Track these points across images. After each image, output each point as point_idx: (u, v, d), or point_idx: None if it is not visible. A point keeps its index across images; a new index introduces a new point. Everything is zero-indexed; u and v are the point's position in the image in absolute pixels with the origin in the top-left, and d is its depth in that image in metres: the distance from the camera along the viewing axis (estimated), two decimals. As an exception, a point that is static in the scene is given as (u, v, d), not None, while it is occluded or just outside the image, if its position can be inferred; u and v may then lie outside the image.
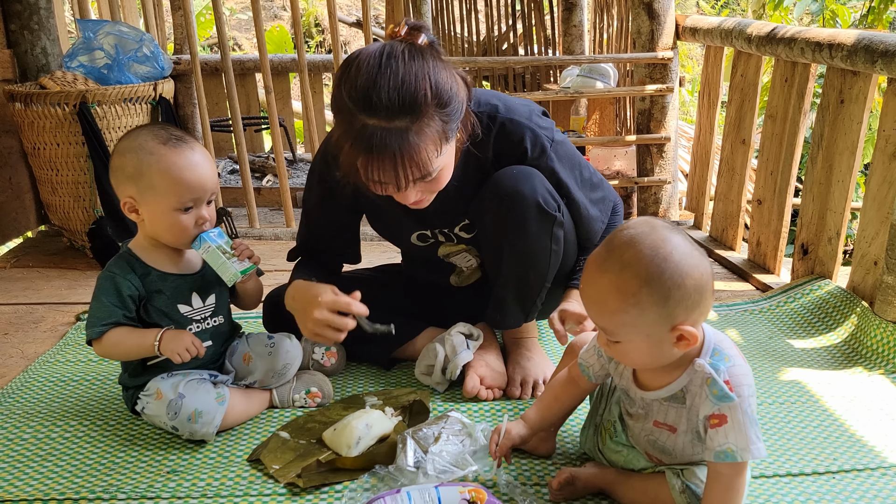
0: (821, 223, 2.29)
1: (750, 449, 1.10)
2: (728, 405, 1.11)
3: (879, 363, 1.84)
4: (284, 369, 1.63)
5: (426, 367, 1.75)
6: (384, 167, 1.34)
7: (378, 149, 1.32)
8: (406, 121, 1.32)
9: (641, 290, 1.08)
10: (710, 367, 1.14)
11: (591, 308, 1.17)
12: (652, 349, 1.13)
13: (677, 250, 1.09)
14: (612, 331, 1.14)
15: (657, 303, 1.08)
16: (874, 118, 3.55)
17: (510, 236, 1.60)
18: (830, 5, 5.18)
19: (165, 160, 1.46)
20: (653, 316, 1.09)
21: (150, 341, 1.47)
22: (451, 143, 1.43)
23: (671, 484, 1.22)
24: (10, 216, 2.95)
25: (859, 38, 2.04)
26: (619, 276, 1.10)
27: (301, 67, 2.92)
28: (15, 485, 1.39)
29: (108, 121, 2.56)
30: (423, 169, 1.37)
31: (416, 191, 1.44)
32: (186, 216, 1.49)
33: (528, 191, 1.55)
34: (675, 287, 1.08)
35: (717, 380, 1.12)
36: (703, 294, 1.11)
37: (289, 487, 1.37)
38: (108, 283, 1.49)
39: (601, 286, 1.12)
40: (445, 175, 1.46)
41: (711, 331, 1.19)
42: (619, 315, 1.11)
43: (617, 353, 1.18)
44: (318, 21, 8.72)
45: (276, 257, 2.75)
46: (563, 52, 4.20)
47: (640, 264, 1.09)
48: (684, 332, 1.10)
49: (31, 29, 2.94)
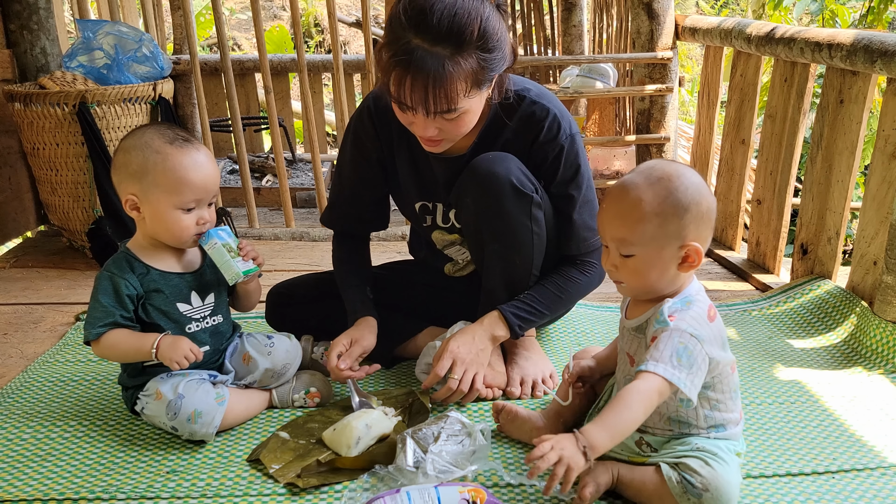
0: (820, 223, 2.29)
1: (659, 365, 1.20)
2: (661, 328, 1.24)
3: (879, 363, 1.84)
4: (284, 369, 1.63)
5: (426, 365, 1.74)
6: (416, 86, 1.40)
7: (415, 66, 1.38)
8: (448, 49, 1.39)
9: (666, 200, 1.23)
10: (672, 302, 1.27)
11: (614, 221, 1.27)
12: (661, 265, 1.26)
13: (695, 177, 1.26)
14: (631, 241, 1.25)
15: (677, 214, 1.23)
16: (874, 118, 3.56)
17: (489, 216, 1.62)
18: (830, 5, 5.18)
19: (171, 159, 1.46)
20: (671, 227, 1.23)
21: (147, 347, 1.47)
22: (482, 92, 1.48)
23: (667, 476, 1.25)
24: (9, 216, 2.95)
25: (859, 38, 2.05)
26: (648, 190, 1.24)
27: (301, 67, 2.92)
28: (15, 485, 1.39)
29: (107, 121, 2.56)
30: (449, 101, 1.42)
31: (436, 126, 1.48)
32: (188, 216, 1.49)
33: (503, 171, 1.58)
34: (694, 203, 1.23)
35: (665, 309, 1.26)
36: (711, 219, 1.26)
37: (288, 487, 1.37)
38: (107, 282, 1.49)
39: (629, 199, 1.25)
40: (467, 122, 1.50)
41: (695, 291, 1.30)
42: (643, 224, 1.24)
43: (626, 271, 1.28)
44: (317, 21, 8.72)
45: (276, 257, 2.75)
46: (563, 52, 4.20)
47: (666, 181, 1.24)
48: (692, 248, 1.24)
49: (31, 29, 2.94)
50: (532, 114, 1.61)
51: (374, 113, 1.71)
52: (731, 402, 1.33)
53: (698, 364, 1.23)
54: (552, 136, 1.60)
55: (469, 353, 1.61)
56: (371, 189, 1.80)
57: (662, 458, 1.30)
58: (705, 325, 1.26)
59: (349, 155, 1.77)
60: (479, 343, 1.63)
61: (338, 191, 1.83)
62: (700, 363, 1.23)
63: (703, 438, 1.31)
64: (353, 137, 1.75)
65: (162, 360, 1.47)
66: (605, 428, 1.19)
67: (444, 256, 1.85)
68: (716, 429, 1.32)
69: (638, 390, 1.20)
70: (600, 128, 3.66)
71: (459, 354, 1.59)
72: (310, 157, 3.43)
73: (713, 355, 1.25)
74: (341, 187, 1.82)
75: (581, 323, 2.10)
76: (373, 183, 1.79)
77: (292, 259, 2.76)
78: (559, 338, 2.02)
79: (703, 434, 1.31)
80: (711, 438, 1.31)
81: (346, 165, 1.79)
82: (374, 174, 1.77)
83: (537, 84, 1.68)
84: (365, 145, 1.74)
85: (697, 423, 1.31)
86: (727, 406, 1.33)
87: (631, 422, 1.20)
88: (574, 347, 1.95)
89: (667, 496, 1.25)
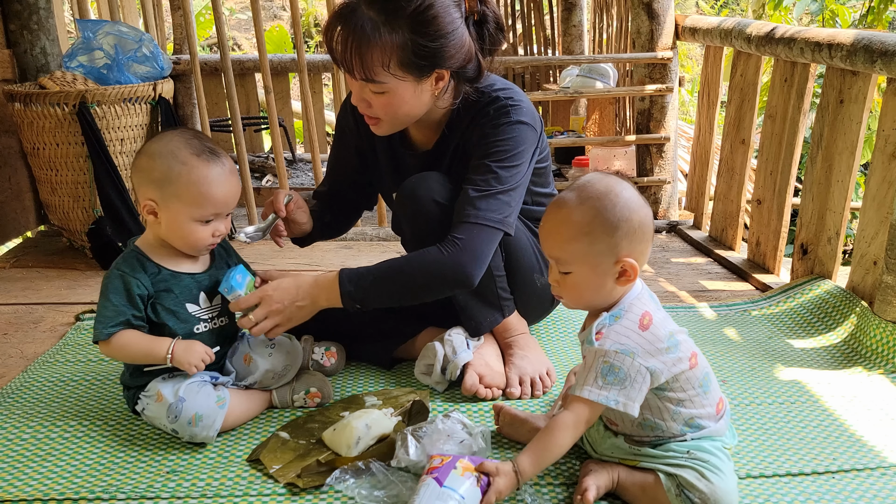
0: (820, 223, 2.29)
1: (585, 388, 1.24)
2: (588, 348, 1.27)
3: (879, 363, 1.84)
4: (285, 370, 1.63)
5: (426, 366, 1.75)
6: (339, 38, 1.47)
7: (344, 18, 1.46)
8: (378, 15, 1.45)
9: (595, 220, 1.25)
10: (601, 318, 1.28)
11: (547, 239, 1.31)
12: (597, 281, 1.27)
13: (626, 192, 1.27)
14: (565, 260, 1.28)
15: (607, 232, 1.24)
16: (874, 118, 3.56)
17: (424, 237, 1.62)
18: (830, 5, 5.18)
19: (196, 172, 1.46)
20: (602, 246, 1.25)
21: (161, 352, 1.46)
22: (413, 79, 1.51)
23: (666, 487, 1.26)
24: (9, 216, 2.95)
25: (859, 38, 2.05)
26: (577, 209, 1.26)
27: (300, 67, 2.92)
28: (15, 485, 1.39)
29: (107, 121, 2.56)
30: (364, 67, 1.47)
31: (365, 98, 1.53)
32: (205, 228, 1.50)
33: (424, 192, 1.61)
34: (624, 220, 1.25)
35: (594, 327, 1.27)
36: (646, 233, 1.27)
37: (288, 487, 1.37)
38: (118, 281, 1.48)
39: (559, 218, 1.29)
40: (395, 105, 1.53)
41: (629, 301, 1.30)
42: (574, 243, 1.26)
43: (566, 287, 1.31)
44: (317, 21, 8.72)
45: (276, 257, 2.75)
46: (563, 52, 4.20)
47: (594, 199, 1.26)
48: (626, 263, 1.25)
49: (31, 29, 2.94)
50: (488, 102, 1.62)
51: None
52: (701, 397, 1.31)
53: (632, 377, 1.23)
54: (495, 117, 1.60)
55: (281, 301, 1.52)
56: (349, 174, 1.88)
57: (658, 464, 1.29)
58: (635, 336, 1.25)
59: (334, 141, 1.89)
60: (300, 299, 1.54)
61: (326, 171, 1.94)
62: (634, 375, 1.24)
63: (688, 442, 1.30)
64: (337, 126, 1.87)
65: (178, 365, 1.47)
66: (532, 458, 1.25)
67: None
68: (691, 429, 1.31)
69: (564, 424, 1.25)
70: (600, 128, 3.66)
71: (272, 299, 1.52)
72: (310, 157, 3.43)
73: (649, 364, 1.24)
74: (328, 168, 1.93)
75: (579, 322, 2.09)
76: (350, 169, 1.87)
77: (292, 259, 2.76)
78: (557, 337, 2.02)
79: (679, 438, 1.30)
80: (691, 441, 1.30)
81: (332, 150, 1.90)
82: (353, 162, 1.85)
83: (506, 81, 1.70)
84: (345, 135, 1.83)
85: (668, 426, 1.30)
86: (696, 402, 1.31)
87: (559, 450, 1.26)
88: (572, 346, 1.96)
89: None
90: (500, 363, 1.75)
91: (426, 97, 1.56)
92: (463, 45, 1.51)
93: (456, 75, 1.55)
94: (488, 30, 1.55)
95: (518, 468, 1.24)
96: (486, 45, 1.57)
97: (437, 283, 1.55)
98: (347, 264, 2.50)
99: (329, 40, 1.49)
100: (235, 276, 1.54)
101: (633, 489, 1.30)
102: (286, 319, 1.54)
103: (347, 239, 3.00)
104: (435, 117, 1.65)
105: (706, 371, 1.33)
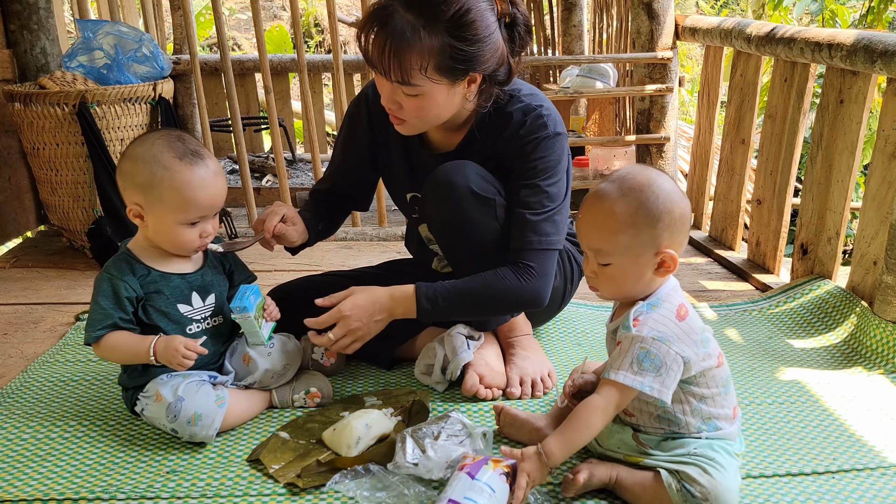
0: (820, 223, 2.29)
1: (619, 373, 1.25)
2: (625, 334, 1.27)
3: (879, 363, 1.84)
4: (284, 370, 1.63)
5: (426, 366, 1.75)
6: (376, 41, 1.45)
7: (381, 21, 1.44)
8: (419, 19, 1.43)
9: (638, 211, 1.25)
10: (639, 306, 1.29)
11: (590, 232, 1.30)
12: (637, 272, 1.28)
13: (667, 183, 1.28)
14: (606, 251, 1.28)
15: (650, 224, 1.25)
16: (874, 118, 3.56)
17: (455, 226, 1.63)
18: (830, 5, 5.18)
19: (179, 177, 1.45)
20: (645, 237, 1.25)
21: (144, 351, 1.46)
22: (447, 83, 1.49)
23: (667, 483, 1.26)
24: (9, 216, 2.95)
25: (858, 38, 2.05)
26: (619, 201, 1.26)
27: (300, 67, 2.92)
28: (14, 485, 1.39)
29: (107, 121, 2.56)
30: (402, 70, 1.45)
31: (396, 99, 1.51)
32: (191, 230, 1.49)
33: (461, 180, 1.59)
34: (666, 212, 1.25)
35: (631, 314, 1.28)
36: (685, 224, 1.29)
37: (288, 487, 1.37)
38: (106, 285, 1.49)
39: (602, 210, 1.28)
40: (427, 108, 1.52)
41: (666, 291, 1.32)
42: (617, 235, 1.26)
43: (604, 278, 1.31)
44: (317, 21, 8.72)
45: (276, 257, 2.75)
46: (563, 52, 4.20)
47: (637, 191, 1.26)
48: (666, 255, 1.26)
49: (31, 29, 2.94)
50: (518, 111, 1.61)
51: (372, 101, 1.73)
52: (722, 397, 1.33)
53: (667, 365, 1.25)
54: (533, 130, 1.60)
55: (360, 319, 1.57)
56: (357, 171, 1.85)
57: (660, 462, 1.30)
58: (672, 325, 1.27)
59: (342, 137, 1.84)
60: (378, 313, 1.58)
61: (328, 170, 1.89)
62: (670, 363, 1.25)
63: (697, 440, 1.31)
64: (347, 121, 1.82)
65: (164, 362, 1.46)
66: (561, 440, 1.26)
67: (432, 252, 1.86)
68: (708, 428, 1.32)
69: (595, 406, 1.26)
70: (600, 128, 3.66)
71: (350, 319, 1.56)
72: (310, 157, 3.43)
73: (684, 353, 1.26)
74: (331, 162, 1.88)
75: (580, 322, 2.10)
76: (358, 167, 1.84)
77: (292, 259, 2.76)
78: (558, 338, 2.02)
79: (694, 434, 1.32)
80: (705, 439, 1.31)
81: (338, 146, 1.86)
82: (361, 159, 1.82)
83: (530, 85, 1.69)
84: (356, 131, 1.79)
85: (686, 421, 1.31)
86: (717, 402, 1.32)
87: (588, 433, 1.27)
88: (573, 347, 1.96)
89: (667, 502, 1.25)
90: (500, 363, 1.75)
91: (457, 100, 1.55)
92: (497, 48, 1.51)
93: (488, 78, 1.55)
94: (518, 32, 1.54)
95: (544, 450, 1.25)
96: (516, 46, 1.56)
97: (512, 307, 1.68)
98: (347, 264, 2.51)
99: (364, 42, 1.47)
100: (249, 297, 1.53)
101: (634, 487, 1.31)
102: (365, 334, 1.60)
103: (347, 239, 3.00)
104: (459, 119, 1.64)
105: (728, 373, 1.35)
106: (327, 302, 1.59)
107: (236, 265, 1.66)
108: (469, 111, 1.62)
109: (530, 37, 1.60)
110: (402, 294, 1.60)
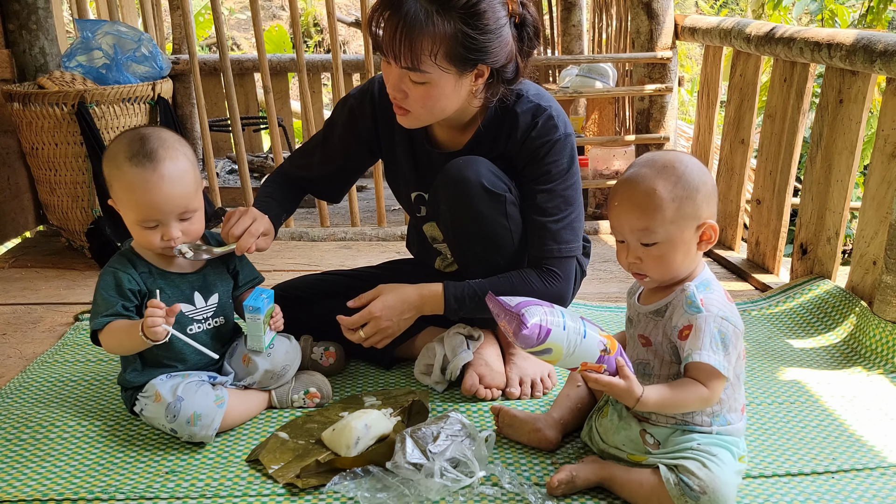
0: (820, 223, 2.29)
1: (702, 352, 1.25)
2: (695, 315, 1.28)
3: (878, 363, 1.84)
4: (284, 370, 1.63)
5: (425, 366, 1.75)
6: (388, 24, 1.45)
7: (393, 4, 1.44)
8: (430, 4, 1.43)
9: (677, 185, 1.28)
10: (691, 288, 1.31)
11: (630, 216, 1.30)
12: (684, 247, 1.30)
13: (693, 160, 1.32)
14: (653, 229, 1.28)
15: (690, 196, 1.28)
16: (873, 118, 3.56)
17: (464, 221, 1.63)
18: (829, 5, 5.18)
19: (126, 177, 1.44)
20: (688, 209, 1.28)
21: (137, 331, 1.41)
22: (456, 73, 1.49)
23: (665, 477, 1.25)
24: (8, 216, 2.95)
25: (858, 38, 2.04)
26: (657, 178, 1.28)
27: (300, 67, 2.91)
28: (14, 485, 1.38)
29: (106, 121, 2.55)
30: (413, 54, 1.45)
31: (403, 86, 1.50)
32: (152, 232, 1.47)
33: (473, 175, 1.59)
34: (703, 183, 1.29)
35: (694, 295, 1.29)
36: (716, 196, 1.33)
37: (288, 488, 1.37)
38: (109, 277, 1.49)
39: (642, 190, 1.29)
40: (433, 97, 1.51)
41: (710, 275, 1.35)
42: (662, 211, 1.27)
43: (650, 260, 1.31)
44: (316, 21, 8.72)
45: (276, 257, 2.75)
46: (562, 51, 4.20)
47: (671, 168, 1.29)
48: (708, 225, 1.30)
49: (30, 29, 2.94)
50: (527, 112, 1.61)
51: (378, 99, 1.72)
52: (736, 390, 1.34)
53: (733, 343, 1.28)
54: (545, 133, 1.61)
55: (390, 319, 1.62)
56: (344, 171, 1.84)
57: (660, 459, 1.30)
58: (730, 306, 1.31)
59: (339, 126, 1.79)
60: (406, 312, 1.63)
61: (310, 147, 1.83)
62: (735, 342, 1.28)
63: (705, 435, 1.31)
64: (348, 113, 1.77)
65: (148, 335, 1.39)
66: (662, 392, 1.28)
67: (435, 251, 1.86)
68: (719, 421, 1.32)
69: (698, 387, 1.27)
70: (600, 128, 3.66)
71: (381, 319, 1.61)
72: (309, 156, 3.42)
73: (741, 328, 1.30)
74: (315, 146, 1.82)
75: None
76: (349, 159, 1.82)
77: (291, 259, 2.76)
78: (559, 338, 2.01)
79: (705, 427, 1.31)
80: (714, 434, 1.31)
81: (332, 136, 1.80)
82: (355, 153, 1.81)
83: (536, 86, 1.69)
84: (357, 125, 1.77)
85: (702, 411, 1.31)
86: (732, 393, 1.33)
87: (682, 405, 1.29)
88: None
89: (664, 498, 1.25)
90: (500, 363, 1.75)
91: (464, 92, 1.55)
92: (507, 43, 1.51)
93: (495, 74, 1.55)
94: (528, 33, 1.55)
95: (643, 391, 1.27)
96: (525, 47, 1.57)
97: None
98: (347, 264, 2.50)
99: (375, 26, 1.47)
100: (263, 299, 1.54)
101: (630, 484, 1.31)
102: (395, 332, 1.65)
103: (347, 239, 3.00)
104: (465, 117, 1.64)
105: (744, 368, 1.38)
106: (358, 303, 1.63)
107: (242, 265, 1.65)
108: (475, 109, 1.62)
109: (538, 40, 1.60)
110: (430, 293, 1.63)
